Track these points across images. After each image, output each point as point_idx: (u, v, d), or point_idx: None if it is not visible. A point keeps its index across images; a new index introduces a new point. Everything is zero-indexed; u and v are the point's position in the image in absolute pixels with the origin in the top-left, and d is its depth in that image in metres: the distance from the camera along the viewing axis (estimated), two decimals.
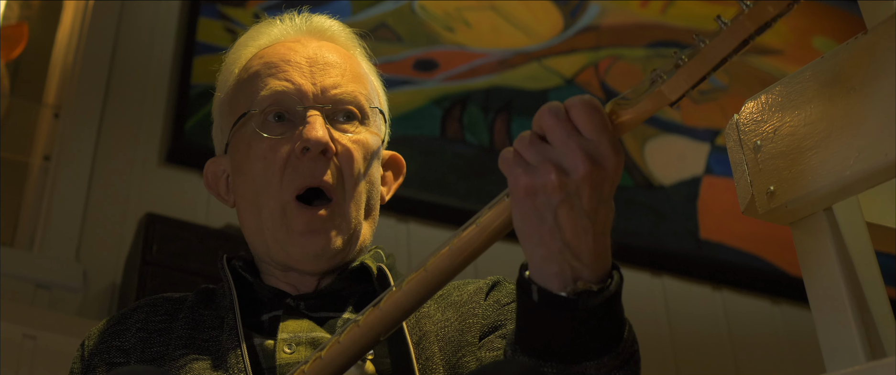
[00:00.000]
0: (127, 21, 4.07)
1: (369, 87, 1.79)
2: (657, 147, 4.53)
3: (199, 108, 3.90)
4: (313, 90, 1.71)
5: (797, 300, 4.31)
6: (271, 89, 1.72)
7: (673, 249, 4.28)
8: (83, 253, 3.55)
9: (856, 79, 1.34)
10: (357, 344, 1.44)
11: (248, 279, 1.75)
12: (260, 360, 1.62)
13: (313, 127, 1.67)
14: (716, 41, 1.23)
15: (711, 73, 1.25)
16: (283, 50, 1.77)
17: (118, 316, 1.76)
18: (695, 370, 4.11)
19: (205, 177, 1.84)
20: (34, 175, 3.83)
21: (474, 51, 4.47)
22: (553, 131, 1.29)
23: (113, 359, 1.69)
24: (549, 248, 1.30)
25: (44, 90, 4.18)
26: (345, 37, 1.85)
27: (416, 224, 3.93)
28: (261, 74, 1.75)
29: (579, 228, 1.30)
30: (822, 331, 1.36)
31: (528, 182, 1.29)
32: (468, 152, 4.21)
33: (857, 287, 1.34)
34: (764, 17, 1.21)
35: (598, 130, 1.28)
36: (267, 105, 1.71)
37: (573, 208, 1.29)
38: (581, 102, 1.29)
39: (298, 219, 1.68)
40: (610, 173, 1.30)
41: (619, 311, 1.36)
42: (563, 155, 1.28)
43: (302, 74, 1.72)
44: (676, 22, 4.85)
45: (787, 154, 1.40)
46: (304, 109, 1.69)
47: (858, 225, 1.39)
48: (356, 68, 1.79)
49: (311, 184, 1.67)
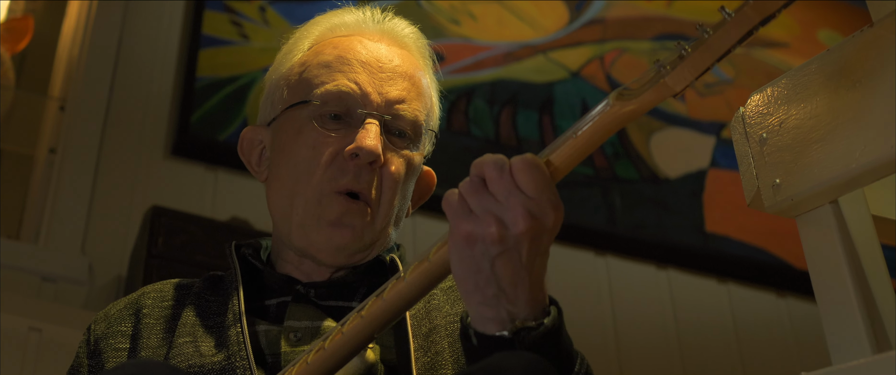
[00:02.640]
0: (132, 14, 4.06)
1: (429, 105, 1.79)
2: (663, 140, 4.53)
3: (204, 100, 3.90)
4: (378, 98, 1.71)
5: (803, 293, 4.31)
6: (337, 87, 1.72)
7: (678, 242, 4.28)
8: (89, 246, 3.56)
9: (861, 72, 1.34)
10: (360, 335, 1.44)
11: (257, 266, 1.75)
12: (263, 347, 1.63)
13: (368, 135, 1.68)
14: (720, 32, 1.23)
15: (716, 63, 1.25)
16: (358, 46, 1.77)
17: (125, 301, 1.77)
18: (700, 363, 4.11)
19: (240, 141, 1.84)
20: (39, 168, 3.83)
21: (480, 44, 4.47)
22: (495, 185, 1.33)
23: (119, 345, 1.70)
24: (485, 294, 1.34)
25: (49, 83, 4.19)
26: (418, 48, 1.86)
27: (423, 217, 3.93)
28: (331, 66, 1.75)
29: (516, 278, 1.33)
30: (827, 324, 1.36)
31: (468, 230, 1.33)
32: (474, 145, 4.20)
33: (862, 280, 1.34)
34: (768, 8, 1.21)
35: (538, 190, 1.32)
36: (330, 101, 1.72)
37: (510, 260, 1.33)
38: (523, 162, 1.32)
39: (333, 208, 1.68)
40: (549, 228, 1.34)
41: (567, 345, 1.39)
42: (504, 210, 1.31)
43: (371, 79, 1.73)
44: (682, 15, 4.85)
45: (792, 147, 1.40)
46: (364, 114, 1.70)
47: (864, 218, 1.39)
48: (422, 85, 1.79)
49: (354, 188, 1.68)
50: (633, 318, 4.07)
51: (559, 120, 4.38)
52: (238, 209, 3.60)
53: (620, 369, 3.98)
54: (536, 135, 4.30)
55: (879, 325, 1.31)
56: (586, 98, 4.48)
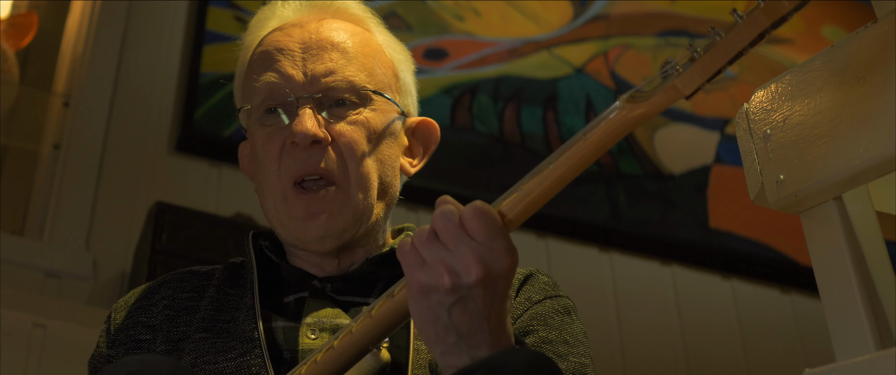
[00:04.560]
0: (136, 9, 4.07)
1: (372, 63, 1.76)
2: (667, 136, 4.53)
3: (208, 96, 3.90)
4: (303, 79, 1.70)
5: (807, 289, 4.31)
6: (264, 82, 1.71)
7: (682, 238, 4.28)
8: (93, 242, 3.56)
9: (865, 68, 1.34)
10: (369, 335, 1.44)
11: (274, 260, 1.75)
12: (280, 343, 1.62)
13: (300, 120, 1.66)
14: (731, 35, 1.23)
15: (726, 67, 1.25)
16: (280, 37, 1.76)
17: (146, 290, 1.77)
18: (704, 358, 4.11)
19: (240, 161, 1.85)
20: (44, 164, 3.83)
21: (484, 40, 4.47)
22: (445, 234, 1.32)
23: (139, 335, 1.70)
24: (447, 342, 1.34)
25: (53, 79, 4.19)
26: (346, 9, 1.82)
27: (426, 213, 3.93)
28: (256, 66, 1.75)
29: (474, 324, 1.33)
30: (831, 320, 1.36)
31: (422, 280, 1.32)
32: (478, 141, 4.20)
33: (866, 276, 1.34)
34: (780, 11, 1.21)
35: (490, 237, 1.32)
36: (261, 99, 1.72)
37: (466, 308, 1.32)
38: (473, 210, 1.32)
39: (297, 205, 1.68)
40: (504, 273, 1.33)
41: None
42: (455, 259, 1.31)
43: (293, 64, 1.71)
44: (686, 11, 4.84)
45: (796, 143, 1.40)
46: (296, 100, 1.69)
47: (868, 214, 1.39)
48: (362, 45, 1.76)
49: (305, 173, 1.67)
50: (636, 314, 4.07)
51: (563, 116, 4.38)
52: (242, 205, 3.61)
53: (624, 365, 3.98)
54: (540, 131, 4.30)
55: (883, 321, 1.31)
56: (590, 94, 4.48)
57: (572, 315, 1.71)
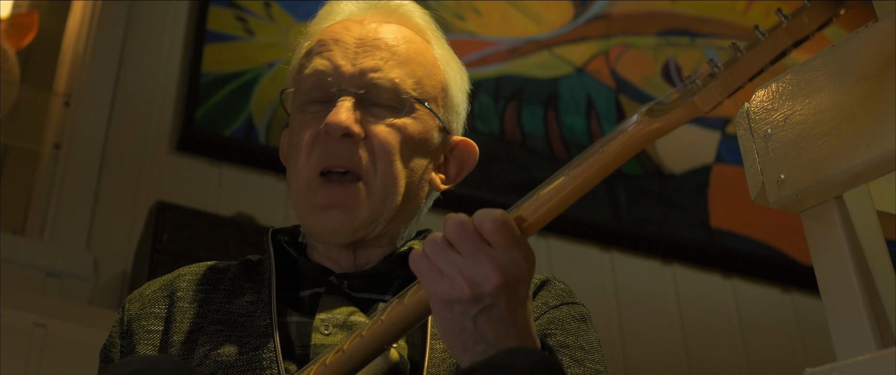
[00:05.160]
0: (137, 9, 4.07)
1: (421, 72, 1.75)
2: (668, 135, 4.52)
3: (209, 96, 3.90)
4: (351, 71, 1.70)
5: (808, 288, 4.31)
6: (313, 68, 1.72)
7: (683, 237, 4.28)
8: (94, 242, 3.56)
9: (866, 67, 1.34)
10: (379, 339, 1.44)
11: (293, 255, 1.75)
12: (293, 339, 1.62)
13: (337, 111, 1.66)
14: (752, 53, 1.23)
15: (746, 84, 1.24)
16: (339, 29, 1.76)
17: (161, 282, 1.77)
18: (705, 358, 4.11)
19: (280, 148, 1.85)
20: (44, 164, 3.83)
21: (485, 39, 4.47)
22: (460, 244, 1.31)
23: (151, 326, 1.70)
24: (475, 352, 1.33)
25: (54, 78, 4.19)
26: (418, 19, 1.83)
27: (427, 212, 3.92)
28: (311, 53, 1.75)
29: (501, 331, 1.32)
30: (832, 320, 1.36)
31: (442, 292, 1.31)
32: (479, 141, 4.17)
33: (867, 276, 1.34)
34: (803, 31, 1.22)
35: (509, 245, 1.31)
36: (307, 85, 1.72)
37: (492, 316, 1.31)
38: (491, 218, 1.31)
39: (320, 194, 1.67)
40: (523, 277, 1.33)
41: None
42: (472, 268, 1.30)
43: (344, 55, 1.71)
44: (687, 10, 4.84)
45: (797, 143, 1.40)
46: (338, 91, 1.69)
47: (869, 214, 1.39)
48: (415, 53, 1.76)
49: (332, 165, 1.67)
50: (637, 313, 4.07)
51: (564, 115, 4.38)
52: (243, 205, 3.61)
53: (625, 364, 3.98)
54: (541, 130, 4.30)
55: (884, 321, 1.31)
56: (591, 94, 4.48)
57: (588, 323, 1.70)
